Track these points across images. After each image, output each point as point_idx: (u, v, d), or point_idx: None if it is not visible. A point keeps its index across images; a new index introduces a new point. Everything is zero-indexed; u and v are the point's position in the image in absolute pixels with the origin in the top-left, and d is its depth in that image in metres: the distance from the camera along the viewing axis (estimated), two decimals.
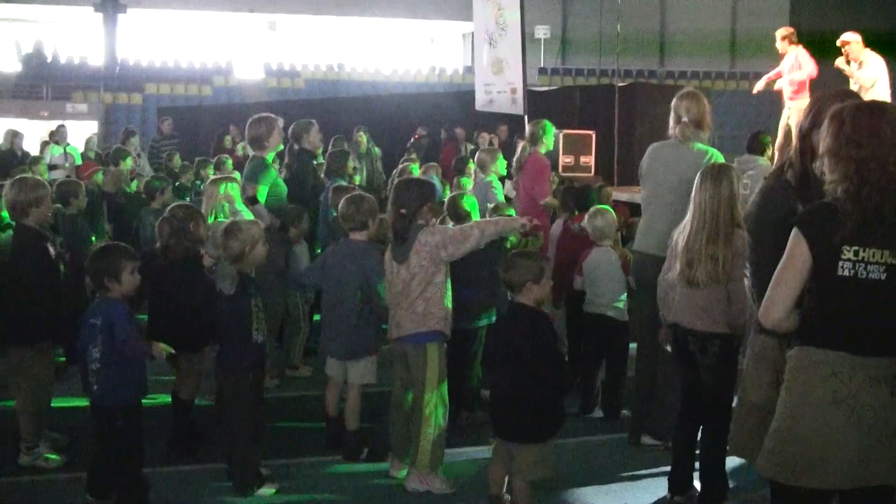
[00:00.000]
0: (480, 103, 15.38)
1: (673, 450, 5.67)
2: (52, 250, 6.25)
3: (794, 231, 3.54)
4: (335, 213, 7.64)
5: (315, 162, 9.78)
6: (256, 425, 5.79)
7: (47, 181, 7.41)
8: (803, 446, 3.50)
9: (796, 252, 3.52)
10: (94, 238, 8.82)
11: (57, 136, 16.73)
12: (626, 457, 6.50)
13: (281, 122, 8.15)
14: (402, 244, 5.81)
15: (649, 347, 6.42)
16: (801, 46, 12.94)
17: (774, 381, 4.13)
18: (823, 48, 12.71)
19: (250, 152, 8.45)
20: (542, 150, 9.53)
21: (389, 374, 6.32)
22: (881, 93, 11.28)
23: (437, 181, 11.43)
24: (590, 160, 13.53)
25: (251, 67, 34.47)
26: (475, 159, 9.71)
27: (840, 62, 11.96)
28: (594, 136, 13.66)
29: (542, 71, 32.87)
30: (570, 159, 13.41)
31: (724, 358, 5.27)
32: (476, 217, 7.02)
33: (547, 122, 9.64)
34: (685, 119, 6.32)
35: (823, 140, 3.61)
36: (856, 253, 3.40)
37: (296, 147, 9.20)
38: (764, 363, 4.27)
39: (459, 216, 7.04)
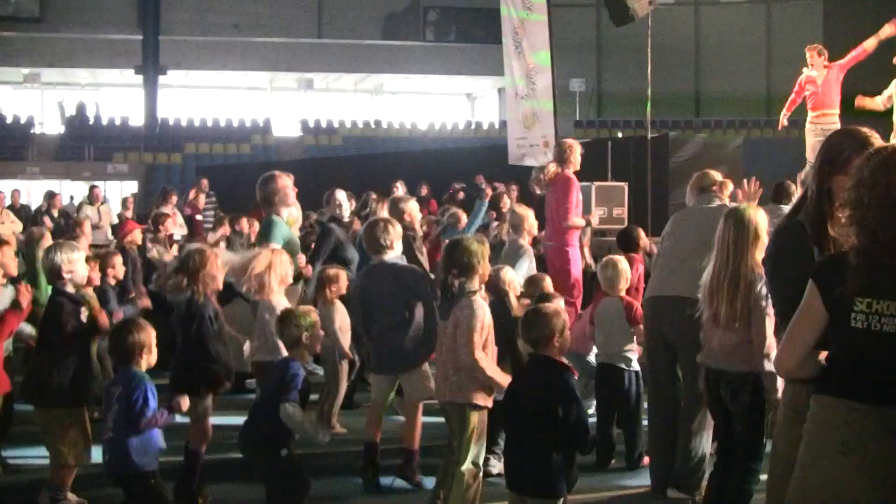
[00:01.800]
0: (513, 157, 15.43)
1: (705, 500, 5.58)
2: (84, 316, 6.30)
3: (809, 282, 3.50)
4: None
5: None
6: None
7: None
8: (815, 495, 3.42)
9: (810, 303, 3.48)
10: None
11: (91, 197, 17.08)
12: None
13: (290, 178, 8.18)
14: (448, 301, 5.80)
15: (666, 398, 6.35)
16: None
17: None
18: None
19: None
20: (571, 170, 9.49)
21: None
22: None
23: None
24: (623, 212, 13.46)
25: (288, 125, 34.91)
26: (508, 219, 9.60)
27: (864, 101, 11.97)
28: (627, 188, 13.61)
29: (578, 124, 32.98)
30: (603, 211, 13.35)
31: (755, 399, 5.20)
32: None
33: (573, 141, 9.63)
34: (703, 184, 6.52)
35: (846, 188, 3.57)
36: (868, 305, 3.32)
37: (324, 215, 9.30)
38: (795, 414, 4.03)
39: (499, 292, 7.01)
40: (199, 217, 15.70)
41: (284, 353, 5.88)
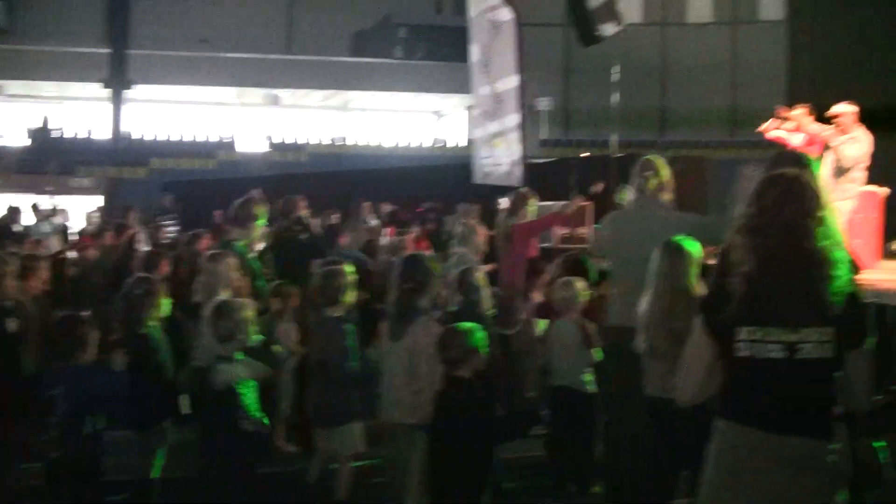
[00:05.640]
0: (478, 176, 15.47)
1: None
2: (11, 325, 6.31)
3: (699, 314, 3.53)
4: None
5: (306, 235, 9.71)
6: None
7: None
8: None
9: (699, 334, 3.51)
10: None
11: (38, 213, 17.13)
12: None
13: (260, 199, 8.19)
14: (399, 321, 5.73)
15: (620, 421, 6.33)
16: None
17: None
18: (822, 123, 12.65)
19: None
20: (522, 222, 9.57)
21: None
22: (858, 176, 10.44)
23: None
24: (586, 231, 13.47)
25: (255, 141, 34.72)
26: (457, 232, 9.55)
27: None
28: (591, 208, 13.62)
29: (544, 143, 33.01)
30: (566, 231, 13.36)
31: (698, 428, 5.21)
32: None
33: (526, 192, 9.71)
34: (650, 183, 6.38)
35: None
36: (749, 333, 3.33)
37: (283, 224, 9.24)
38: None
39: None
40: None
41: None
